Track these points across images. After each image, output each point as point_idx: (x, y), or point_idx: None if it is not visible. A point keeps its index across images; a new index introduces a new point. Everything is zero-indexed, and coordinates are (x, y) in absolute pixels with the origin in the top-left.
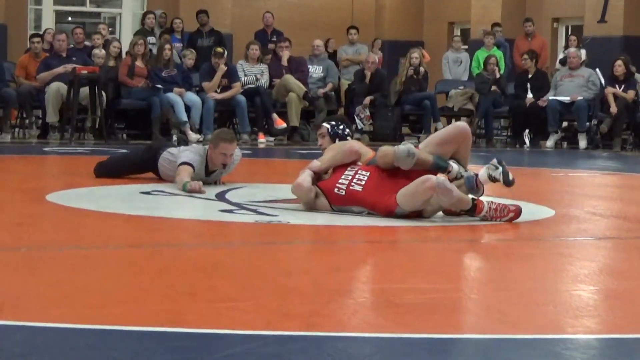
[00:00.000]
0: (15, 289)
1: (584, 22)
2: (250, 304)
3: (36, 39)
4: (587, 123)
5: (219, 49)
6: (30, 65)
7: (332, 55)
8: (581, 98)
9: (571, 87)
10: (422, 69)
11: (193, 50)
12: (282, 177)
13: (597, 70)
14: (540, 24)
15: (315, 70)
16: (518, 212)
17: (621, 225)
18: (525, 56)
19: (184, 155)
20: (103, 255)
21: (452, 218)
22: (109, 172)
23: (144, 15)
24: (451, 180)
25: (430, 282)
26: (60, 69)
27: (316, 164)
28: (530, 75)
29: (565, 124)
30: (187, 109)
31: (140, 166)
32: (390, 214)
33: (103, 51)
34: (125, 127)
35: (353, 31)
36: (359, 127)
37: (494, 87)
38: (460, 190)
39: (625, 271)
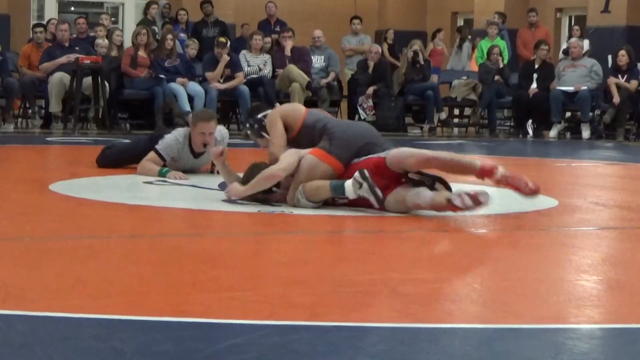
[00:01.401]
0: (18, 279)
1: (587, 12)
2: (253, 294)
3: (39, 29)
4: (590, 113)
5: (222, 39)
6: (33, 55)
7: None
8: (585, 88)
9: (574, 77)
10: (421, 59)
11: (195, 40)
12: None
13: (610, 56)
14: (543, 14)
15: (317, 61)
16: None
17: (624, 216)
18: (546, 46)
19: (162, 141)
20: (106, 246)
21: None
22: (112, 162)
23: (147, 5)
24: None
25: (433, 272)
26: (63, 59)
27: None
28: (536, 66)
29: (568, 114)
30: (190, 99)
31: (142, 156)
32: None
33: (106, 41)
34: (128, 117)
35: (356, 21)
36: (362, 118)
37: (497, 77)
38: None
39: (628, 261)
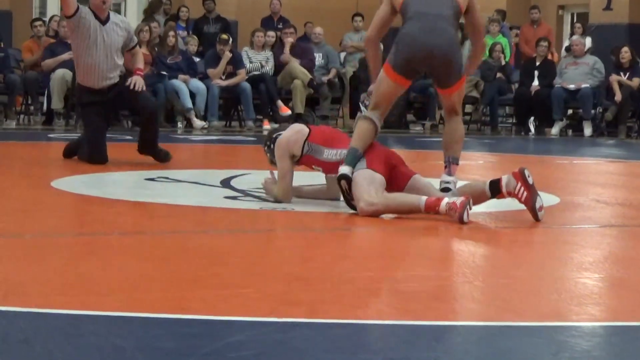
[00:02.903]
0: (19, 276)
1: (589, 10)
2: (254, 291)
3: (38, 22)
4: (592, 111)
5: (224, 36)
6: (34, 49)
7: None
8: (587, 86)
9: (576, 75)
10: None
11: (195, 37)
12: None
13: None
14: (545, 11)
15: (317, 58)
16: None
17: (626, 213)
18: (545, 43)
19: None
20: (107, 242)
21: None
22: (95, 149)
23: (150, 3)
24: None
25: (434, 269)
26: (65, 56)
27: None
28: (538, 63)
29: (570, 111)
30: (192, 95)
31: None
32: None
33: None
34: (130, 113)
35: (358, 18)
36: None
37: (499, 75)
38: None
39: (629, 259)
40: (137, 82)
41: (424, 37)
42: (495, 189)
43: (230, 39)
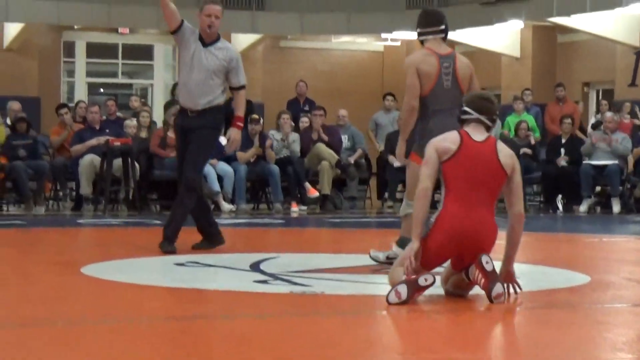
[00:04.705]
0: None
1: (614, 86)
2: None
3: (63, 110)
4: (620, 187)
5: (255, 116)
6: (61, 135)
7: None
8: (615, 162)
9: (607, 152)
10: None
11: None
12: (315, 247)
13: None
14: (570, 89)
15: (342, 139)
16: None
17: None
18: (569, 120)
19: None
20: (138, 328)
21: None
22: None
23: (174, 85)
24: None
25: (466, 351)
26: (93, 142)
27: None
28: (563, 140)
29: (598, 188)
30: (220, 178)
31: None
32: None
33: (134, 121)
34: (158, 197)
35: (390, 98)
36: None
37: (524, 150)
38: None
39: None
40: (234, 142)
41: (441, 131)
42: (468, 277)
43: (261, 120)
